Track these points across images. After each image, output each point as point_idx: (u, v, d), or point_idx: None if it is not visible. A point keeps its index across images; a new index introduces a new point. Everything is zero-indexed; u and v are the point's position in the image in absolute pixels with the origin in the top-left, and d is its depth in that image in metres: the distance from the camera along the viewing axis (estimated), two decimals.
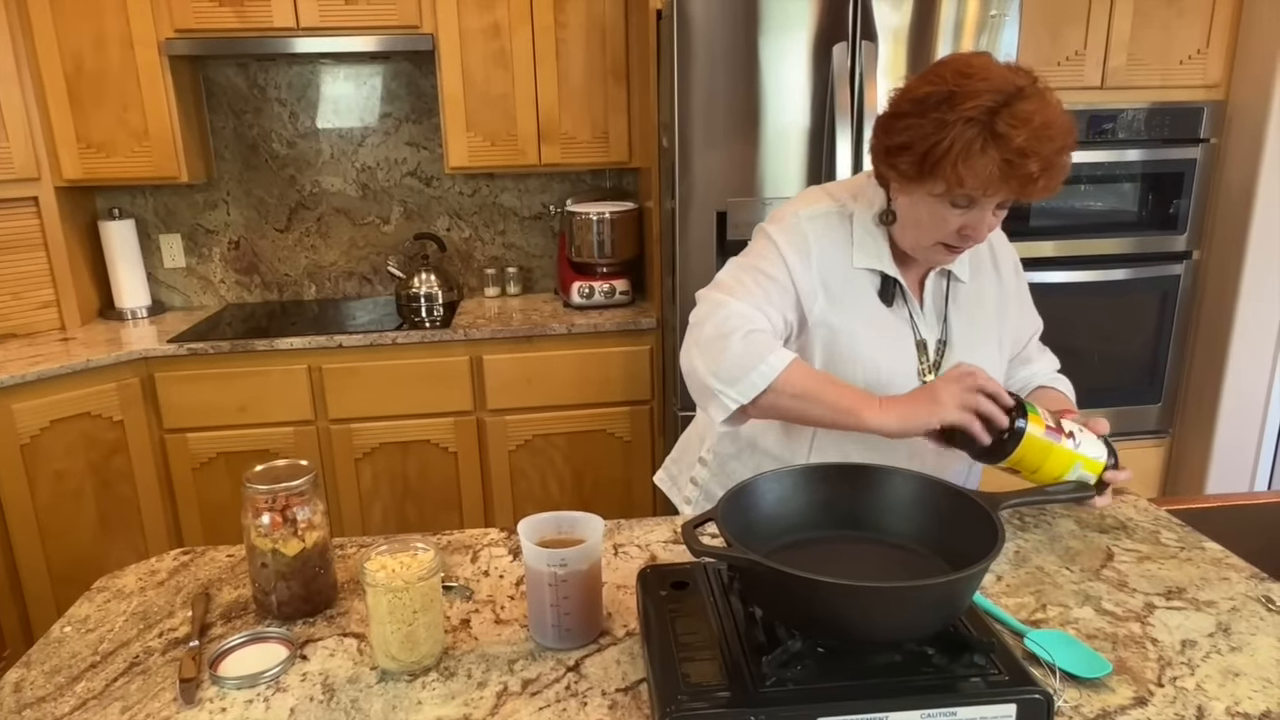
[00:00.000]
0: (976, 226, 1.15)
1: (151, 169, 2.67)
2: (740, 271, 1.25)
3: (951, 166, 1.08)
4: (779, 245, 1.24)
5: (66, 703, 0.91)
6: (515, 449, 2.71)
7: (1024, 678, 0.79)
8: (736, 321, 1.17)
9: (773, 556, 0.84)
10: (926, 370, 1.28)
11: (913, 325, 1.28)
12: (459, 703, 0.89)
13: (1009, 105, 1.05)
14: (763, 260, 1.24)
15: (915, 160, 1.10)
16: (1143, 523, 1.25)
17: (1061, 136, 1.07)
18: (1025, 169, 1.06)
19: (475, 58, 2.67)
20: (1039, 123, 1.05)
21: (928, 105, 1.09)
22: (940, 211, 1.15)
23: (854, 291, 1.25)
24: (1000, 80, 1.07)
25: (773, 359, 1.13)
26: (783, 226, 1.25)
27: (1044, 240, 2.69)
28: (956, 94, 1.07)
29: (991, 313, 1.33)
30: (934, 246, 1.20)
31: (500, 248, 3.14)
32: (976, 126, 1.06)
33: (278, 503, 1.01)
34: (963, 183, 1.09)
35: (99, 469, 2.46)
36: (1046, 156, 1.06)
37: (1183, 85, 2.63)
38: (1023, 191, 1.09)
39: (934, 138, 1.08)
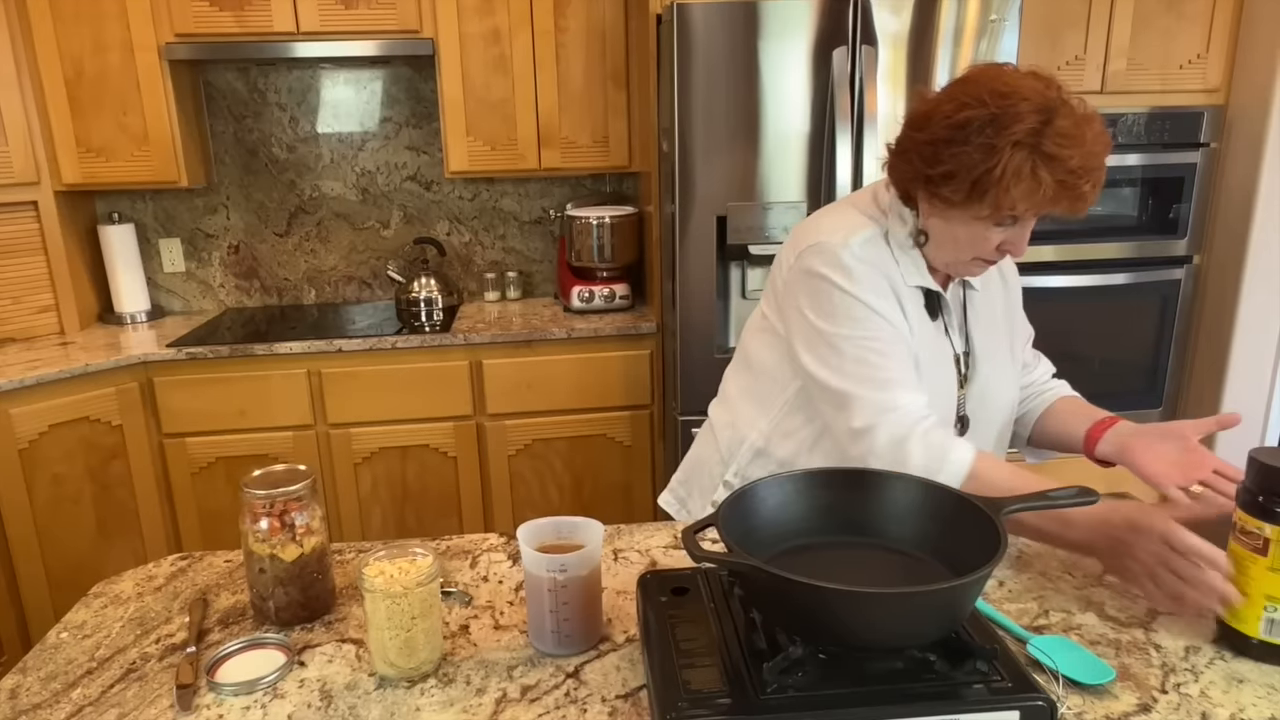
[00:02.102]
0: (1018, 242, 1.14)
1: (151, 173, 2.67)
2: (856, 351, 1.16)
3: (1004, 192, 1.05)
4: (860, 296, 1.16)
5: (62, 709, 0.90)
6: (515, 454, 2.70)
7: (1027, 684, 0.78)
8: (902, 426, 1.12)
9: (774, 562, 0.83)
10: (961, 383, 1.27)
11: (949, 339, 1.26)
12: (458, 709, 0.88)
13: (1051, 123, 1.03)
14: (856, 325, 1.16)
15: (963, 188, 1.07)
16: None
17: (1105, 149, 1.06)
18: (1080, 189, 1.05)
19: (475, 62, 2.67)
20: (1089, 139, 1.04)
21: (970, 130, 1.05)
22: (981, 231, 1.13)
23: (912, 310, 1.22)
24: (1036, 96, 1.04)
25: (950, 468, 1.09)
26: (847, 271, 1.17)
27: (1044, 245, 2.69)
28: (1000, 117, 1.04)
29: (1001, 319, 1.33)
30: (971, 261, 1.18)
31: (500, 252, 3.14)
32: (1025, 150, 1.03)
33: (276, 508, 1.01)
34: (1015, 207, 1.07)
35: (97, 474, 2.45)
36: (1097, 174, 1.06)
37: (1183, 90, 2.63)
38: (1074, 207, 1.08)
39: (983, 165, 1.04)
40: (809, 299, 1.20)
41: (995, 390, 1.29)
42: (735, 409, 1.38)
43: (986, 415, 1.30)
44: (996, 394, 1.30)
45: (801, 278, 1.21)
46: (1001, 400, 1.31)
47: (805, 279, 1.20)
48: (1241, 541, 0.92)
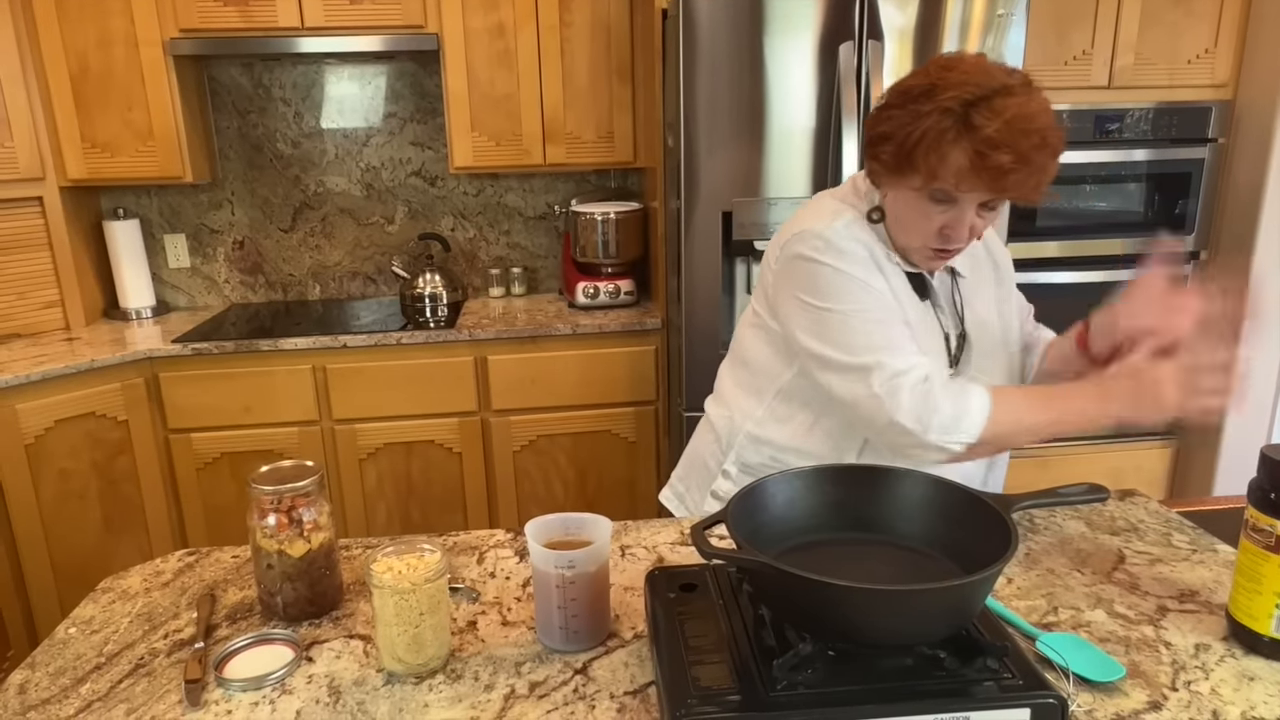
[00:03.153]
0: (956, 226, 1.13)
1: (156, 169, 2.67)
2: (855, 324, 1.17)
3: (924, 156, 1.08)
4: (850, 272, 1.17)
5: (71, 705, 0.90)
6: (519, 449, 2.70)
7: (1037, 681, 0.78)
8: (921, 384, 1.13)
9: (783, 559, 0.83)
10: (951, 364, 1.28)
11: (939, 320, 1.28)
12: (466, 705, 0.88)
13: (989, 100, 1.04)
14: (850, 299, 1.17)
15: (894, 151, 1.11)
16: (1154, 525, 1.24)
17: (1039, 133, 1.04)
18: (995, 160, 1.04)
19: (480, 57, 2.67)
20: (1014, 115, 1.03)
21: (909, 97, 1.09)
22: (922, 207, 1.14)
23: (896, 286, 1.23)
24: (984, 77, 1.06)
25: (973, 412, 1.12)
26: (837, 251, 1.18)
27: (1049, 240, 2.68)
28: (937, 86, 1.07)
29: (993, 302, 1.34)
30: (921, 249, 1.19)
31: (505, 248, 3.14)
32: (951, 117, 1.05)
33: (283, 504, 1.01)
34: (935, 174, 1.08)
35: (103, 469, 2.46)
36: (1022, 151, 1.04)
37: (1190, 85, 2.62)
38: (996, 186, 1.07)
39: (909, 127, 1.08)
40: (802, 284, 1.21)
41: (987, 375, 1.30)
42: (730, 402, 1.40)
43: None
44: (989, 379, 1.29)
45: (791, 266, 1.22)
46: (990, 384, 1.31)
47: (795, 266, 1.22)
48: (1253, 539, 0.91)
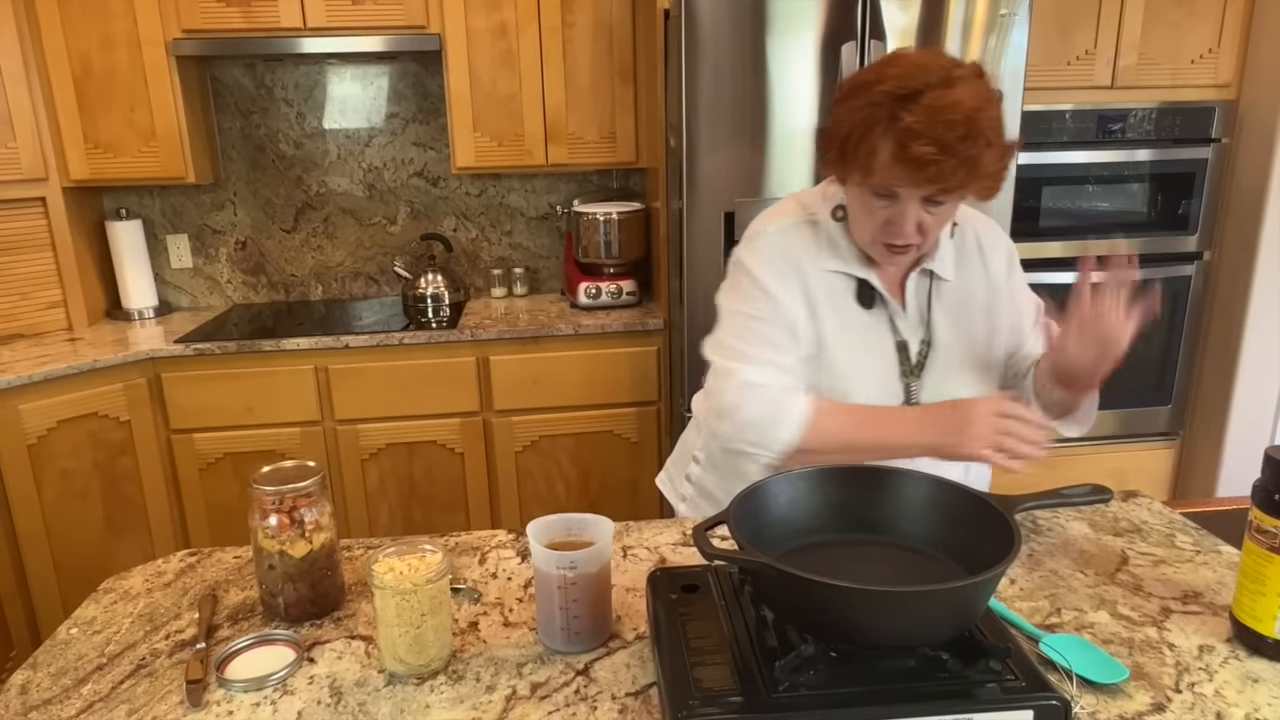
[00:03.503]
0: (899, 222, 1.13)
1: (158, 169, 2.67)
2: (736, 325, 1.24)
3: (854, 150, 1.08)
4: (758, 277, 1.23)
5: (73, 705, 0.90)
6: (522, 450, 2.70)
7: (1040, 683, 0.78)
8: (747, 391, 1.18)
9: (785, 560, 0.83)
10: (908, 372, 1.26)
11: (892, 327, 1.26)
12: (467, 706, 0.88)
13: (918, 93, 1.04)
14: (750, 302, 1.23)
15: (834, 146, 1.12)
16: (1157, 526, 1.23)
17: (965, 124, 1.02)
18: (916, 152, 1.03)
19: (482, 58, 2.67)
20: (938, 106, 1.03)
21: (848, 93, 1.10)
22: (867, 203, 1.15)
23: (831, 298, 1.24)
24: (918, 71, 1.05)
25: (787, 423, 1.16)
26: (756, 250, 1.26)
27: (1052, 240, 2.68)
28: (873, 81, 1.07)
29: (981, 310, 1.30)
30: (875, 245, 1.19)
31: (507, 248, 3.14)
32: (881, 111, 1.06)
33: (285, 504, 1.01)
34: (869, 169, 1.09)
35: (105, 469, 2.46)
36: (945, 142, 1.02)
37: (1194, 85, 2.62)
38: (921, 178, 1.06)
39: (845, 122, 1.09)
40: (727, 279, 1.29)
41: (954, 382, 1.27)
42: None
43: None
44: (955, 387, 1.27)
45: (730, 262, 1.30)
46: (960, 393, 1.27)
47: (731, 262, 1.30)
48: (1257, 540, 0.91)
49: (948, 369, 1.27)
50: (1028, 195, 2.59)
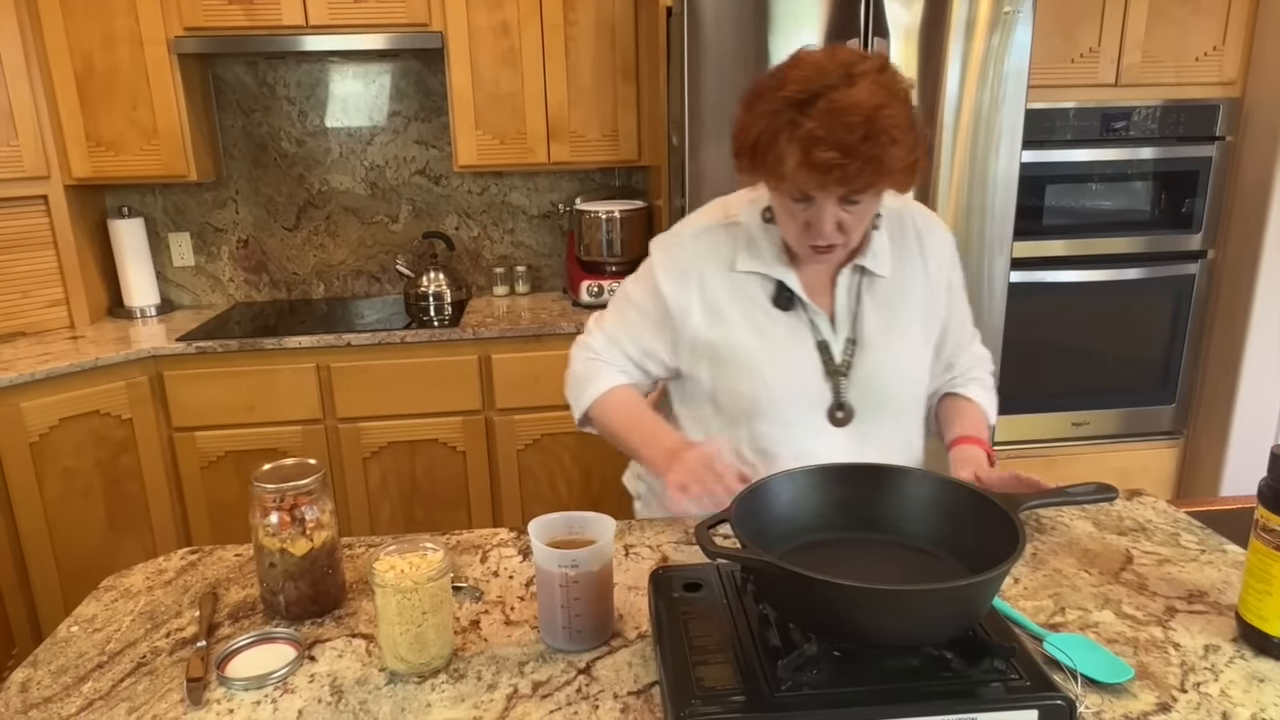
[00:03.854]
0: (816, 223, 1.12)
1: (160, 167, 2.67)
2: (620, 299, 1.33)
3: (763, 157, 1.08)
4: (655, 271, 1.28)
5: (73, 703, 0.90)
6: (523, 448, 2.70)
7: (1045, 683, 0.77)
8: (585, 350, 1.33)
9: (788, 558, 0.82)
10: (835, 372, 1.25)
11: (813, 327, 1.25)
12: (469, 705, 0.87)
13: (818, 95, 1.02)
14: (639, 291, 1.31)
15: (744, 154, 1.11)
16: (1162, 525, 1.23)
17: (864, 125, 1.01)
18: (820, 157, 1.02)
19: (484, 56, 2.66)
20: (836, 108, 1.01)
21: (753, 99, 1.09)
22: (786, 205, 1.14)
23: (741, 301, 1.24)
24: (818, 73, 1.04)
25: (590, 389, 1.29)
26: (665, 249, 1.30)
27: (1055, 239, 2.67)
28: (774, 86, 1.06)
29: (918, 307, 1.29)
30: (799, 246, 1.18)
31: (509, 246, 3.13)
32: (782, 118, 1.04)
33: (286, 502, 1.00)
34: (779, 174, 1.08)
35: (107, 467, 2.46)
36: (847, 145, 1.01)
37: (1198, 82, 2.61)
38: (828, 182, 1.05)
39: (750, 129, 1.08)
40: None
41: (884, 380, 1.26)
42: None
43: (874, 404, 1.26)
44: (885, 384, 1.26)
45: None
46: (892, 390, 1.27)
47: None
48: (1264, 539, 0.90)
49: (875, 368, 1.26)
50: (1031, 194, 2.58)
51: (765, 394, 1.24)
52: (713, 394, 1.29)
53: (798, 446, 1.25)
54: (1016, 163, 2.38)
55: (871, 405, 1.26)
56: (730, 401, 1.27)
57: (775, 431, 1.26)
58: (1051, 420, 2.81)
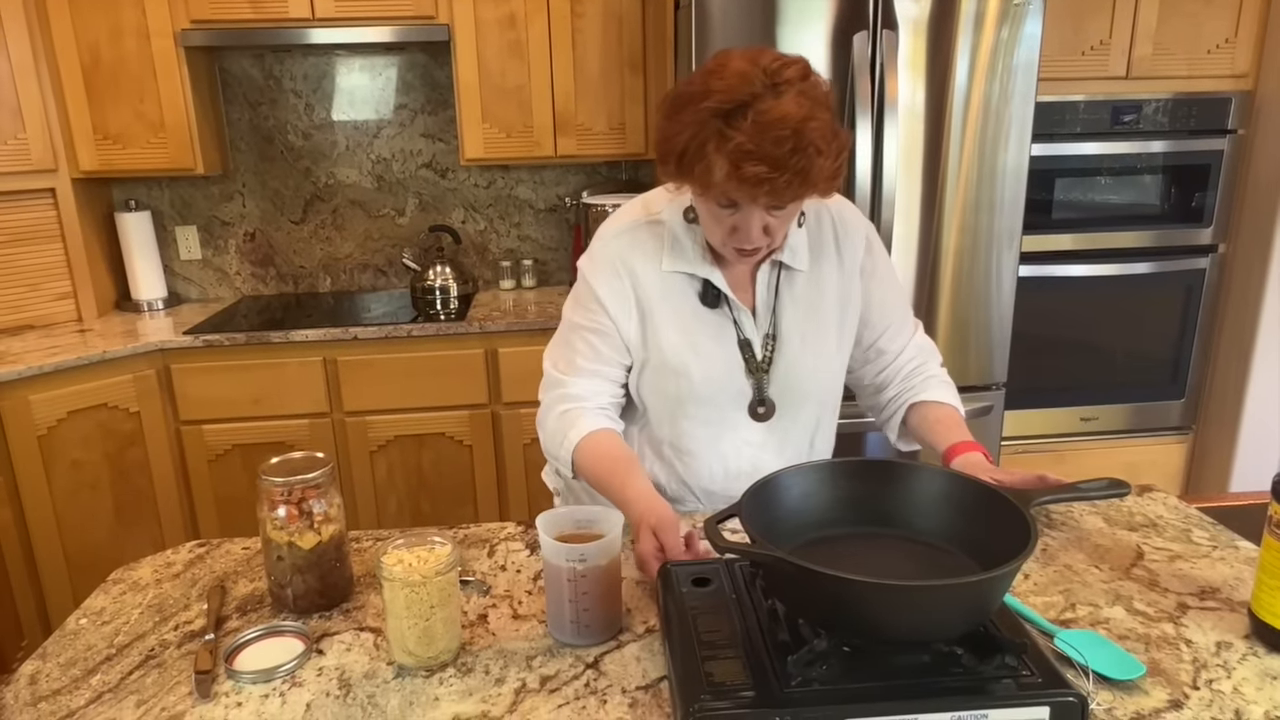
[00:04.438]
0: (743, 228, 1.11)
1: (167, 160, 2.67)
2: (568, 333, 1.29)
3: (690, 167, 1.07)
4: (591, 283, 1.25)
5: (82, 696, 0.90)
6: (530, 442, 2.70)
7: (1057, 680, 0.77)
8: (561, 403, 1.26)
9: (797, 553, 0.82)
10: (756, 369, 1.26)
11: (736, 325, 1.25)
12: (477, 699, 0.87)
13: (745, 106, 1.01)
14: (581, 311, 1.27)
15: (670, 161, 1.09)
16: (1173, 521, 1.22)
17: (792, 138, 1.00)
18: (749, 171, 1.01)
19: (491, 48, 2.65)
20: (765, 121, 1.00)
21: (677, 106, 1.07)
22: (711, 210, 1.13)
23: (671, 300, 1.24)
24: (742, 82, 1.02)
25: (565, 447, 1.22)
26: (592, 257, 1.27)
27: (1063, 234, 2.66)
28: (699, 94, 1.04)
29: (834, 301, 1.28)
30: (725, 248, 1.18)
31: (515, 240, 3.13)
32: (709, 129, 1.03)
33: (293, 495, 1.00)
34: (706, 184, 1.07)
35: (115, 460, 2.47)
36: (775, 158, 1.00)
37: (1210, 75, 2.59)
38: (756, 194, 1.04)
39: (676, 138, 1.06)
40: (572, 289, 1.31)
41: (802, 375, 1.27)
42: None
43: (794, 399, 1.28)
44: (804, 378, 1.27)
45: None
46: (811, 384, 1.29)
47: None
48: (1276, 535, 0.89)
49: (794, 363, 1.27)
50: (1040, 187, 2.57)
51: (691, 394, 1.25)
52: (638, 392, 1.30)
53: (718, 444, 1.28)
54: (1026, 156, 2.37)
55: (791, 401, 1.28)
56: (656, 402, 1.29)
57: (697, 430, 1.28)
58: (1060, 415, 2.80)
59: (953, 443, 1.25)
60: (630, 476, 1.16)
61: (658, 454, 1.33)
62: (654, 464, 1.34)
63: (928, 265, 2.41)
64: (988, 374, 2.51)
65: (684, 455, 1.30)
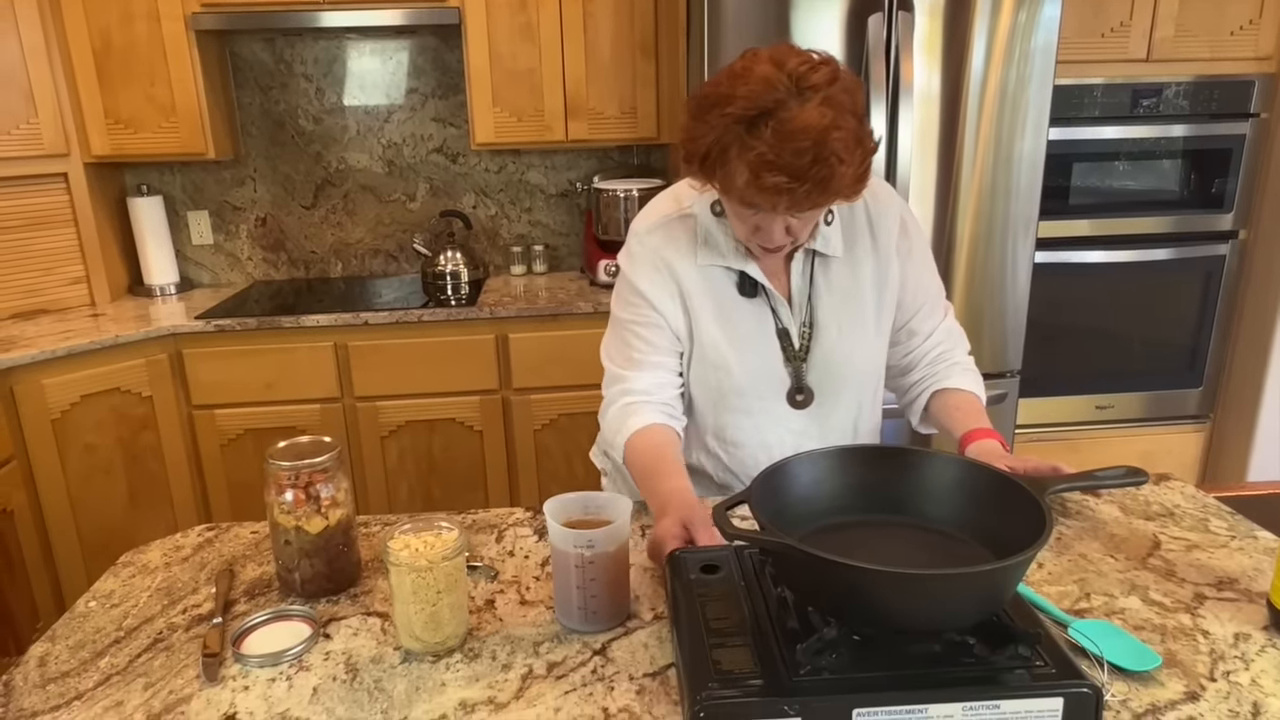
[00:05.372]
0: (766, 230, 1.11)
1: (179, 145, 2.67)
2: (619, 330, 1.30)
3: (713, 170, 1.06)
4: (633, 280, 1.26)
5: (90, 678, 0.90)
6: (540, 428, 2.69)
7: (1071, 670, 0.75)
8: (624, 396, 1.26)
9: (808, 540, 0.81)
10: (794, 358, 1.25)
11: (774, 315, 1.25)
12: (483, 685, 0.87)
13: (768, 114, 0.99)
14: (628, 308, 1.28)
15: (694, 162, 1.08)
16: (1190, 510, 1.20)
17: (813, 149, 0.98)
18: (770, 181, 1.00)
19: (502, 31, 2.63)
20: (787, 131, 0.98)
21: (702, 107, 1.06)
22: (735, 209, 1.12)
23: (709, 292, 1.24)
24: (765, 88, 1.00)
25: (619, 438, 1.23)
26: (630, 255, 1.27)
27: (1080, 219, 2.62)
28: (725, 98, 1.02)
29: (869, 287, 1.27)
30: (750, 244, 1.17)
31: (526, 225, 3.12)
32: (732, 134, 1.02)
33: (301, 479, 1.00)
34: (727, 187, 1.06)
35: (128, 444, 2.48)
36: (796, 169, 0.99)
37: (1232, 58, 2.54)
38: (777, 203, 1.03)
39: (700, 140, 1.05)
40: (615, 288, 1.32)
41: (840, 361, 1.27)
42: None
43: (832, 386, 1.28)
44: (841, 365, 1.27)
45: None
46: (848, 370, 1.28)
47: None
48: None
49: (832, 350, 1.26)
50: (1057, 173, 2.53)
51: (731, 385, 1.26)
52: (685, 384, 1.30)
53: (761, 433, 1.29)
54: (1043, 141, 2.33)
55: (830, 386, 1.28)
56: (699, 393, 1.30)
57: (741, 420, 1.29)
58: (1075, 403, 2.77)
59: (970, 429, 1.24)
60: (674, 477, 1.15)
61: (703, 445, 1.33)
62: (700, 455, 1.34)
63: (942, 252, 2.38)
64: (1002, 361, 2.49)
65: (729, 446, 1.31)
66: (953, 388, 1.32)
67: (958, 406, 1.30)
